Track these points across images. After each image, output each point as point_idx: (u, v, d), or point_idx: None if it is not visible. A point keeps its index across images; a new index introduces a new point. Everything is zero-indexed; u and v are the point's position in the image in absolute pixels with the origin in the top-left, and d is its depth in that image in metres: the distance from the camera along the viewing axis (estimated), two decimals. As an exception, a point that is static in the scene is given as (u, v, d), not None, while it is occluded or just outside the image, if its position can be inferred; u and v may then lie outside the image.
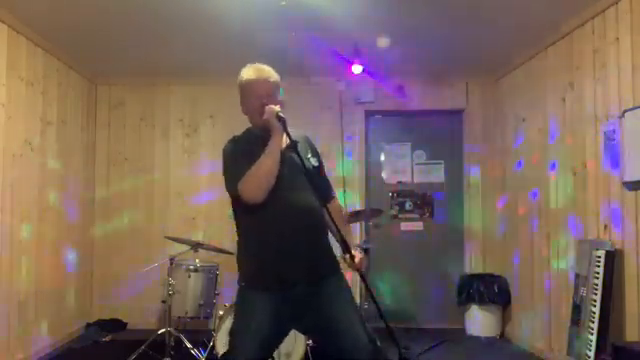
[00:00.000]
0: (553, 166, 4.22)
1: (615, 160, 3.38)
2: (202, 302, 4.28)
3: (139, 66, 5.19)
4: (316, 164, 2.36)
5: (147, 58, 4.93)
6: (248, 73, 2.31)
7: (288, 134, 2.20)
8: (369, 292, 2.56)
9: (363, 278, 2.32)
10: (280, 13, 3.74)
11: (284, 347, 3.55)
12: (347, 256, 2.20)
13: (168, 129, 5.55)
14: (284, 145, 2.23)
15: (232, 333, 2.25)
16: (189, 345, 4.11)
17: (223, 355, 3.63)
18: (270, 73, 2.32)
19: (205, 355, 4.02)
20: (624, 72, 3.32)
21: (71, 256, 4.98)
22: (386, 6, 3.75)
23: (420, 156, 5.63)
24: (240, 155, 2.24)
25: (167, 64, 5.09)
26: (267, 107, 2.21)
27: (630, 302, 3.22)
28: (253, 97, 2.28)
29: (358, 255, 2.24)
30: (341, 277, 2.31)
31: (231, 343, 2.26)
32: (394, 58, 4.84)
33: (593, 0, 3.55)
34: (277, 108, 2.22)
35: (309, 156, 2.35)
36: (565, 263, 3.98)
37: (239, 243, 2.33)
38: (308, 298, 2.19)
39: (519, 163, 4.88)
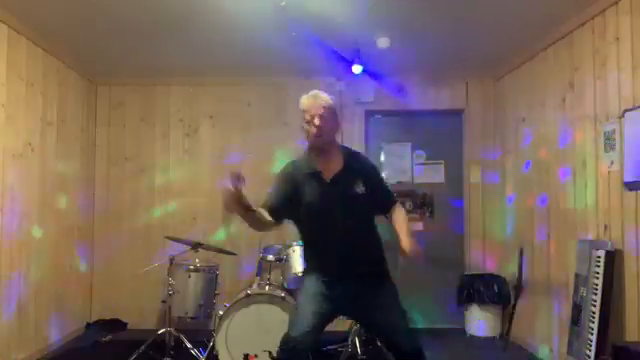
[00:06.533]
0: (553, 166, 4.22)
1: (615, 160, 3.38)
2: (202, 302, 4.29)
3: (139, 66, 5.18)
4: (361, 191, 2.59)
5: (147, 58, 4.93)
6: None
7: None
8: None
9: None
10: (280, 13, 3.74)
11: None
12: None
13: (168, 129, 5.55)
14: (333, 174, 2.57)
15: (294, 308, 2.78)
16: (189, 345, 4.12)
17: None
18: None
19: (205, 355, 4.03)
20: (624, 72, 3.32)
21: (71, 256, 4.99)
22: (386, 6, 3.75)
23: (420, 156, 5.63)
24: (277, 184, 2.63)
25: (167, 64, 5.09)
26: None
27: (630, 302, 3.22)
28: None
29: (406, 242, 2.55)
30: (384, 287, 2.69)
31: (291, 315, 2.79)
32: (394, 58, 4.84)
33: (593, 0, 3.55)
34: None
35: (354, 184, 2.59)
36: (565, 263, 3.98)
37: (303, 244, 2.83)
38: (350, 295, 2.58)
39: (519, 163, 4.88)
